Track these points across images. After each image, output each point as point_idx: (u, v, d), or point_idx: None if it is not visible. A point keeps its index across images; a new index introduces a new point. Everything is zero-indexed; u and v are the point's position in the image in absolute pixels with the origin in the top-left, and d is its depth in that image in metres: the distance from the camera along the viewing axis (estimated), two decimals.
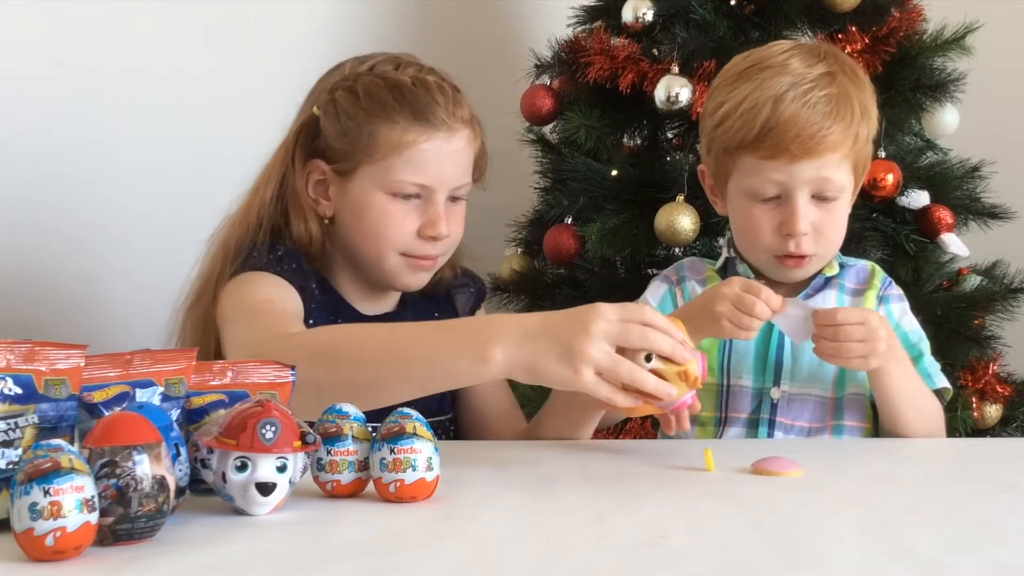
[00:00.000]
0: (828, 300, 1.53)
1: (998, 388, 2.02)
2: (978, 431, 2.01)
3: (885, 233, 2.00)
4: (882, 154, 1.98)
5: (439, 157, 1.50)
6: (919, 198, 2.03)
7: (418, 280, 1.57)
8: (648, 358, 1.17)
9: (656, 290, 1.60)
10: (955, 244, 2.02)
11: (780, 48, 1.53)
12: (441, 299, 1.67)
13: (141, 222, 2.20)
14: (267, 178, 1.57)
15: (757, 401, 1.52)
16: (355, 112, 1.51)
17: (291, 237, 1.54)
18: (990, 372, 2.02)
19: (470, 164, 1.56)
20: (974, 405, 1.98)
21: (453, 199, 1.55)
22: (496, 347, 1.17)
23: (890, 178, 1.96)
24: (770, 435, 1.50)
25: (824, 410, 1.52)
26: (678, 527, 0.99)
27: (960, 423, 1.94)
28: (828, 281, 1.55)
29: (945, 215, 2.02)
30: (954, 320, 1.99)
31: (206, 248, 1.58)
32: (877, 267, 1.60)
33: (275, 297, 1.47)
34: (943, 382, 1.54)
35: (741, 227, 1.53)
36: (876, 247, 1.98)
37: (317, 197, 1.56)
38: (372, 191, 1.51)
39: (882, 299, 1.56)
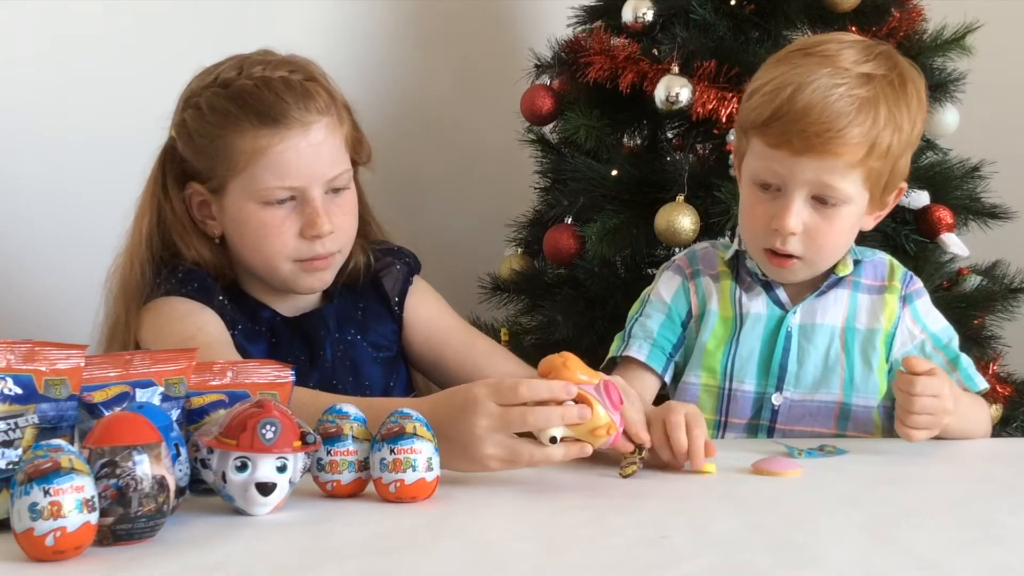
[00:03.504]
0: (840, 300, 1.49)
1: (998, 388, 2.01)
2: None
3: (885, 233, 2.00)
4: None
5: (299, 155, 1.44)
6: (919, 198, 2.03)
7: (319, 281, 1.51)
8: (552, 438, 1.13)
9: (669, 282, 1.55)
10: (955, 244, 2.01)
11: (839, 38, 1.46)
12: (366, 288, 1.60)
13: None
14: (142, 212, 1.52)
15: (757, 406, 1.48)
16: (204, 129, 1.46)
17: (185, 262, 1.50)
18: (990, 372, 2.01)
19: (340, 151, 1.49)
20: None
21: (335, 191, 1.49)
22: None
23: None
24: None
25: (827, 417, 1.48)
26: (678, 527, 0.99)
27: None
28: (842, 280, 1.50)
29: (945, 215, 2.02)
30: (954, 320, 1.98)
31: (105, 289, 1.53)
32: (895, 262, 1.54)
33: (194, 332, 1.42)
34: (983, 382, 1.50)
35: (742, 211, 1.49)
36: (876, 247, 1.97)
37: (203, 219, 1.51)
38: (244, 203, 1.46)
39: (906, 299, 1.50)
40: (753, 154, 1.44)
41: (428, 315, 1.62)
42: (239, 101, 1.45)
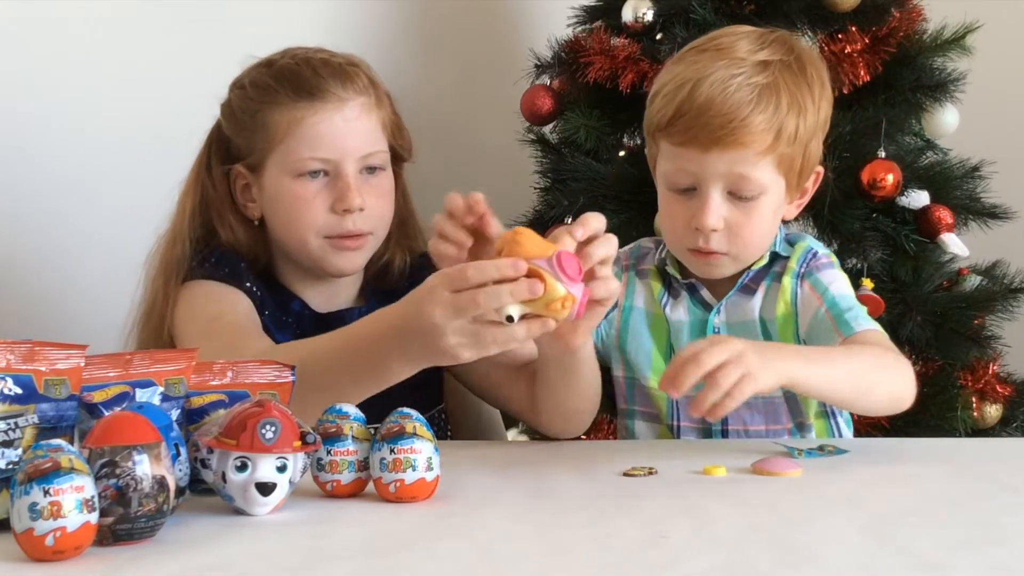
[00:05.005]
0: (759, 293, 1.45)
1: (998, 388, 2.01)
2: (978, 431, 2.01)
3: (885, 233, 2.00)
4: (882, 154, 1.98)
5: (333, 128, 1.48)
6: (919, 198, 2.03)
7: (349, 262, 1.53)
8: (510, 317, 1.12)
9: None
10: (955, 244, 2.02)
11: (732, 30, 1.44)
12: (402, 293, 1.61)
13: (141, 222, 2.20)
14: (186, 193, 1.56)
15: None
16: (246, 105, 1.52)
17: (221, 246, 1.53)
18: (990, 372, 2.02)
19: (375, 131, 1.52)
20: (974, 405, 1.98)
21: (370, 171, 1.51)
22: (392, 361, 1.20)
23: (890, 178, 1.96)
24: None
25: (777, 411, 1.45)
26: (678, 527, 0.99)
27: (960, 423, 1.94)
28: (761, 273, 1.45)
29: (945, 215, 2.02)
30: (954, 320, 1.99)
31: (145, 270, 1.56)
32: (803, 243, 1.47)
33: (225, 309, 1.46)
34: (864, 324, 1.37)
35: (661, 215, 1.46)
36: (876, 247, 1.97)
37: (245, 202, 1.55)
38: (280, 178, 1.50)
39: (803, 276, 1.44)
40: (663, 157, 1.42)
41: None
42: (278, 76, 1.51)
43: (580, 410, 1.41)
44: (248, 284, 1.50)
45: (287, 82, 1.49)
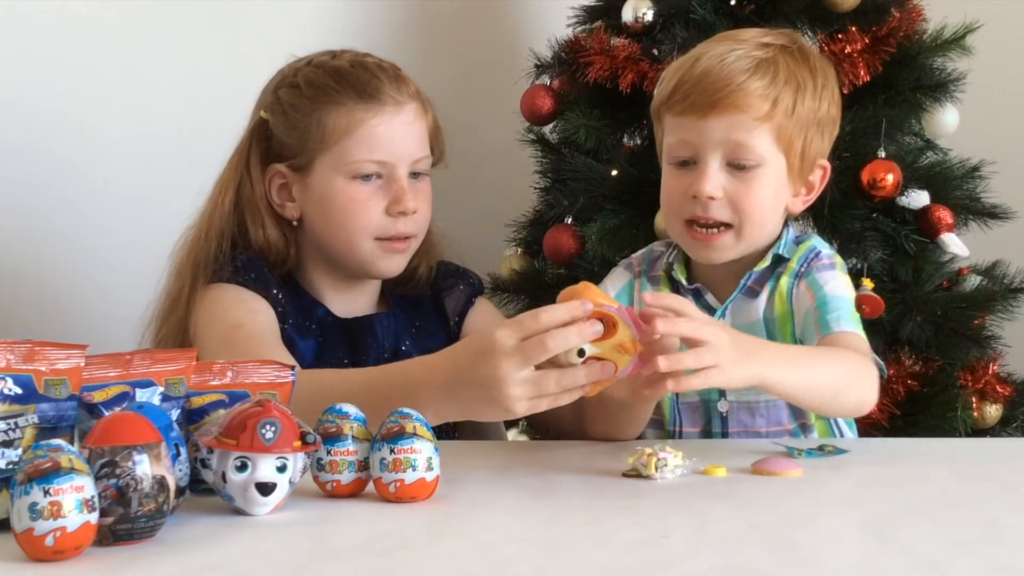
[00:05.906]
0: (763, 295, 1.45)
1: (998, 388, 2.01)
2: (978, 431, 2.01)
3: (885, 233, 2.00)
4: (882, 154, 1.98)
5: (391, 131, 1.50)
6: (919, 198, 2.03)
7: (395, 264, 1.55)
8: (580, 352, 1.14)
9: (618, 278, 1.54)
10: (955, 244, 2.01)
11: (747, 29, 1.49)
12: (425, 301, 1.63)
13: (146, 222, 2.20)
14: (222, 189, 1.56)
15: (706, 415, 1.46)
16: (300, 104, 1.52)
17: (250, 245, 1.53)
18: (990, 372, 2.01)
19: (424, 137, 1.56)
20: (974, 405, 1.97)
21: (415, 175, 1.54)
22: (426, 409, 1.13)
23: (890, 178, 1.96)
24: None
25: (779, 413, 1.45)
26: (678, 527, 0.99)
27: (960, 423, 1.94)
28: (765, 275, 1.45)
29: (945, 215, 2.02)
30: (954, 320, 1.99)
31: (169, 264, 1.57)
32: (808, 243, 1.47)
33: (246, 318, 1.46)
34: (843, 326, 1.37)
35: (662, 194, 1.47)
36: (876, 247, 1.97)
37: (282, 202, 1.55)
38: (333, 179, 1.50)
39: (801, 275, 1.44)
40: (666, 133, 1.45)
41: (485, 326, 1.60)
42: (337, 77, 1.51)
43: (633, 432, 1.42)
44: (274, 291, 1.51)
45: (347, 83, 1.50)
